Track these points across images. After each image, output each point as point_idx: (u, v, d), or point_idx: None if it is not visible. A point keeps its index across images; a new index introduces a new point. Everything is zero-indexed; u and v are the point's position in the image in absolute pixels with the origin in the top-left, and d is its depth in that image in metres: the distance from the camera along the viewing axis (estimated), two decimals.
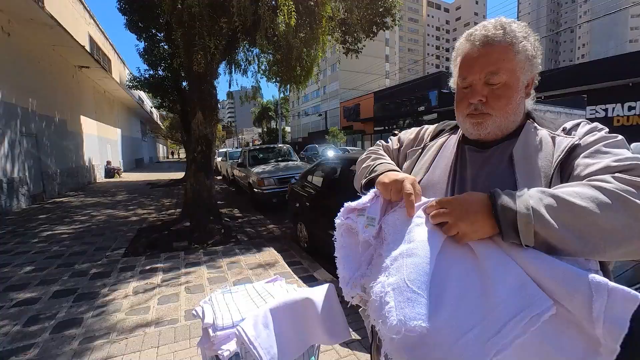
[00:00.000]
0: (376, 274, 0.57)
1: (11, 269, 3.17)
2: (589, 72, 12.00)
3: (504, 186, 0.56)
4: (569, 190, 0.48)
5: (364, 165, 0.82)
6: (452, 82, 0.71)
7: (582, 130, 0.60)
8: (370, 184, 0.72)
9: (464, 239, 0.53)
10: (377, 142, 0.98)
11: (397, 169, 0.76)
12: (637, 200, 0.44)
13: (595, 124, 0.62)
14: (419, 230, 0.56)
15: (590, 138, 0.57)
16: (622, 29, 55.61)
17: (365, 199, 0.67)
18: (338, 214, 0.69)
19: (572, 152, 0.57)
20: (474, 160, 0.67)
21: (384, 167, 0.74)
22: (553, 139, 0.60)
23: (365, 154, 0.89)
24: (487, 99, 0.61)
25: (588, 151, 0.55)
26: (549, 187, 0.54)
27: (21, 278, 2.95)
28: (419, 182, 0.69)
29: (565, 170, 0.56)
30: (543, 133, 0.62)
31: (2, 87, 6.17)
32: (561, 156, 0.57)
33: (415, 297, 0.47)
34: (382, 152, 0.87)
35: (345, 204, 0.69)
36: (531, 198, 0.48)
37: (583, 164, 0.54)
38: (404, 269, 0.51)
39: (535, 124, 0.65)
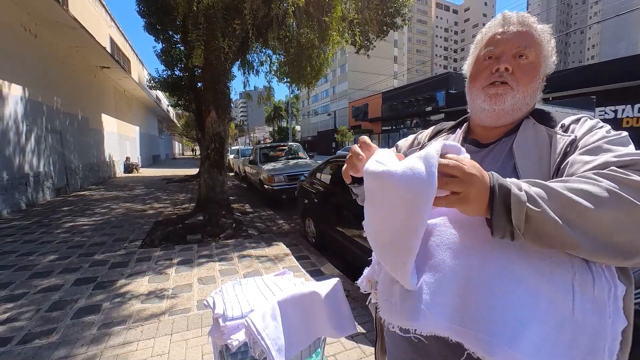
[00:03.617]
0: None
1: (36, 258, 3.35)
2: (599, 73, 11.55)
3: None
4: (559, 185, 0.44)
5: None
6: (467, 65, 0.69)
7: (582, 128, 0.56)
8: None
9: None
10: None
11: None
12: (627, 196, 0.41)
13: (597, 120, 0.58)
14: None
15: (591, 138, 0.53)
16: (634, 29, 52.48)
17: None
18: None
19: (569, 151, 0.54)
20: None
21: None
22: (551, 137, 0.57)
23: None
24: (514, 70, 0.60)
25: (586, 148, 0.51)
26: None
27: (45, 266, 3.11)
28: None
29: (563, 170, 0.53)
30: (541, 129, 0.60)
31: (29, 86, 6.49)
32: (558, 159, 0.54)
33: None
34: None
35: None
36: (523, 184, 0.45)
37: (581, 160, 0.50)
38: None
39: (534, 120, 0.62)
